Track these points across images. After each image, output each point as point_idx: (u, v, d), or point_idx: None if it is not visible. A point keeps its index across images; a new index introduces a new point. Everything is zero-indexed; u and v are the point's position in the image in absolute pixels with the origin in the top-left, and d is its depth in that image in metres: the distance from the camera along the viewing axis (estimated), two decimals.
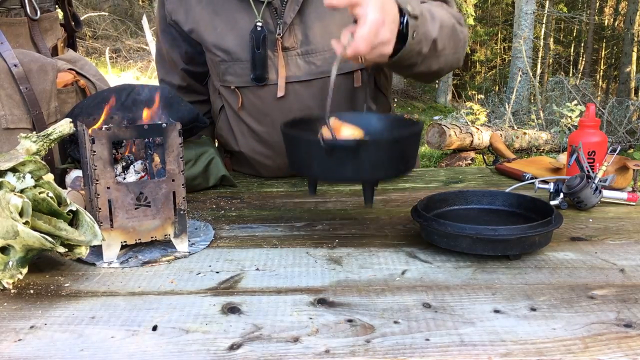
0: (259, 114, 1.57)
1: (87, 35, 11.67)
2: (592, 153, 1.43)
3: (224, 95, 1.61)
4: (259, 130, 1.59)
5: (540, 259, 1.06)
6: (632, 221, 1.27)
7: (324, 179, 1.29)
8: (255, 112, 1.57)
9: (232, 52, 1.51)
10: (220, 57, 1.54)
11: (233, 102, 1.59)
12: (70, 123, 1.09)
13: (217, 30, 1.52)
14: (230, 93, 1.58)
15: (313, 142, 1.04)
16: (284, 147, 1.21)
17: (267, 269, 1.03)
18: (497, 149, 1.96)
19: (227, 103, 1.61)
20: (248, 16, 1.48)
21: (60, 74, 1.57)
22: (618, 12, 18.15)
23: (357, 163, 1.03)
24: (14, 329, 0.83)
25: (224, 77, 1.57)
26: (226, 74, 1.56)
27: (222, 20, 1.51)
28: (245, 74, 1.52)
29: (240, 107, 1.57)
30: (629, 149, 7.29)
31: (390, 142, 1.07)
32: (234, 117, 1.62)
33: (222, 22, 1.51)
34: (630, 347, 0.76)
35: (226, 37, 1.51)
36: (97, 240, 0.98)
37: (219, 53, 1.53)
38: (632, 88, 13.38)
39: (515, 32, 10.23)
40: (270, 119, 1.55)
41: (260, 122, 1.58)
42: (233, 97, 1.58)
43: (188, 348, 0.77)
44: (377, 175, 1.09)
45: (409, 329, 0.81)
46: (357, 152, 1.02)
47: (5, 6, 1.50)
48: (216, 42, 1.53)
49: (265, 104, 1.54)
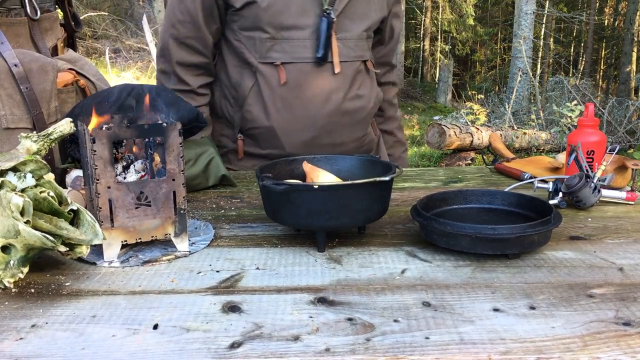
0: (303, 89, 1.66)
1: (87, 35, 11.67)
2: (591, 152, 1.43)
3: (262, 71, 1.66)
4: (297, 105, 1.68)
5: (540, 258, 1.06)
6: (630, 220, 1.27)
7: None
8: (297, 87, 1.66)
9: (291, 30, 1.62)
10: (270, 34, 1.62)
11: (273, 78, 1.66)
12: (71, 123, 1.09)
13: (274, 8, 1.60)
14: (271, 69, 1.65)
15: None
16: (315, 120, 1.63)
17: (268, 268, 1.03)
18: (496, 148, 1.96)
19: (265, 79, 1.66)
20: (314, 0, 1.62)
21: (60, 74, 1.57)
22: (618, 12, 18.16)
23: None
24: (15, 327, 0.83)
25: (267, 53, 1.64)
26: (271, 51, 1.64)
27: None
28: (297, 51, 1.63)
29: (284, 83, 1.65)
30: (629, 149, 7.30)
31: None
32: (270, 93, 1.67)
33: (284, 0, 1.61)
34: (629, 345, 0.76)
35: (288, 16, 1.62)
36: (98, 240, 0.99)
37: (269, 30, 1.61)
38: (632, 88, 13.38)
39: (515, 32, 10.23)
40: (311, 93, 1.67)
41: (302, 97, 1.67)
42: (274, 73, 1.65)
43: (189, 347, 0.77)
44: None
45: (409, 328, 0.81)
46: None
47: (5, 6, 1.50)
48: (271, 19, 1.61)
49: (315, 80, 1.67)
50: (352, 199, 1.06)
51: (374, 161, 1.26)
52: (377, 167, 1.23)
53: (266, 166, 1.22)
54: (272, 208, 1.13)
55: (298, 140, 1.71)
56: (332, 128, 1.72)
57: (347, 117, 1.73)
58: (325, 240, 1.11)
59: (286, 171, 1.26)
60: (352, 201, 1.07)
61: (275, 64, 1.64)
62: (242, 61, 1.70)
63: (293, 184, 1.09)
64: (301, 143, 1.71)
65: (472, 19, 16.37)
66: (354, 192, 1.06)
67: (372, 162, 1.26)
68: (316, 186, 1.05)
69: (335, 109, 1.70)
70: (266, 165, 1.23)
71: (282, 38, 1.62)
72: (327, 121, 1.70)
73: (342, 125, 1.74)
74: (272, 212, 1.14)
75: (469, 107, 8.97)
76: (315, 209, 1.06)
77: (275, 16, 1.60)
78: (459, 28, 16.86)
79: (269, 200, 1.13)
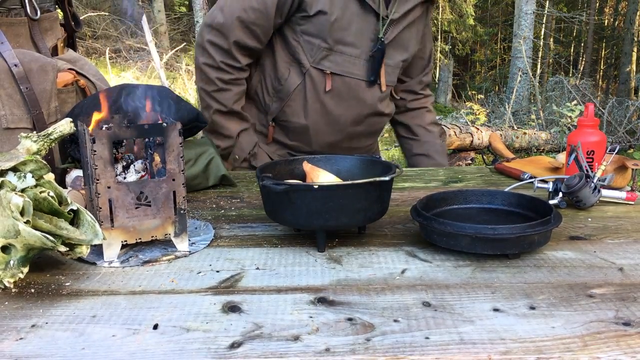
0: (343, 99, 1.82)
1: (87, 35, 11.66)
2: (591, 152, 1.43)
3: (312, 75, 1.79)
4: (334, 111, 1.83)
5: (540, 258, 1.06)
6: (630, 220, 1.27)
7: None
8: (338, 97, 1.82)
9: (348, 47, 1.76)
10: (329, 45, 1.74)
11: (320, 83, 1.80)
12: (71, 123, 1.09)
13: (339, 24, 1.73)
14: (320, 75, 1.79)
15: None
16: (345, 127, 1.85)
17: (268, 268, 1.03)
18: (496, 148, 1.96)
19: (313, 82, 1.80)
20: (370, 25, 1.77)
21: (60, 74, 1.57)
22: (618, 12, 18.15)
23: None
24: (16, 327, 0.83)
25: (320, 61, 1.77)
26: (325, 60, 1.77)
27: (350, 18, 1.74)
28: (347, 66, 1.78)
29: (328, 90, 1.80)
30: (629, 149, 7.29)
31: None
32: (314, 96, 1.81)
33: (348, 19, 1.73)
34: (629, 345, 0.76)
35: (348, 34, 1.75)
36: (98, 240, 0.99)
37: (329, 41, 1.74)
38: (632, 88, 13.37)
39: (515, 32, 10.22)
40: (349, 104, 1.83)
41: (340, 106, 1.82)
42: (322, 79, 1.79)
43: (189, 347, 0.77)
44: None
45: (409, 328, 0.81)
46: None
47: (6, 6, 1.50)
48: (334, 33, 1.73)
49: (357, 94, 1.83)
50: (352, 199, 1.06)
51: (374, 161, 1.26)
52: (377, 167, 1.23)
53: (266, 166, 1.22)
54: (272, 208, 1.13)
55: (325, 140, 1.88)
56: (355, 135, 1.93)
57: (369, 127, 1.94)
58: (325, 240, 1.11)
59: (286, 171, 1.26)
60: (352, 201, 1.06)
61: (325, 72, 1.78)
62: (294, 60, 1.81)
63: (293, 184, 1.09)
64: (326, 143, 1.88)
65: (472, 19, 16.34)
66: (354, 192, 1.06)
67: (372, 162, 1.26)
68: (316, 186, 1.05)
69: (362, 120, 1.89)
70: (266, 165, 1.23)
71: (338, 51, 1.77)
72: (353, 130, 1.90)
73: (362, 134, 1.95)
74: (272, 212, 1.14)
75: (469, 107, 8.96)
76: (315, 209, 1.06)
77: (338, 31, 1.74)
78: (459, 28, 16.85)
79: (269, 200, 1.13)
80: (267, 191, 1.11)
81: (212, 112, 1.80)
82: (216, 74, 1.77)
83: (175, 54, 10.86)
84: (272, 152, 1.93)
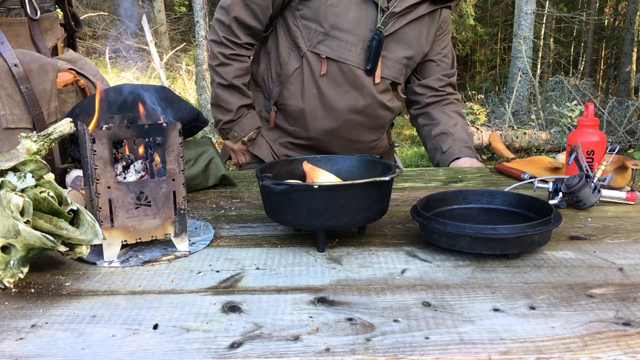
0: (338, 85, 1.83)
1: (87, 35, 11.67)
2: (591, 152, 1.43)
3: (309, 58, 1.83)
4: (329, 96, 1.84)
5: (540, 258, 1.06)
6: (630, 220, 1.27)
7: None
8: (334, 82, 1.83)
9: (344, 33, 1.78)
10: (325, 30, 1.78)
11: (316, 67, 1.83)
12: (71, 123, 1.09)
13: (335, 9, 1.76)
14: (316, 59, 1.82)
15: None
16: (341, 114, 1.84)
17: (267, 268, 1.03)
18: (496, 148, 1.96)
19: (309, 65, 1.83)
20: (369, 14, 1.78)
21: (60, 74, 1.57)
22: (618, 12, 18.14)
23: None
24: (15, 327, 0.83)
25: (317, 44, 1.80)
26: (321, 44, 1.80)
27: (347, 5, 1.76)
28: (342, 52, 1.80)
29: (324, 75, 1.82)
30: (629, 149, 7.29)
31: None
32: (311, 80, 1.84)
33: (345, 5, 1.76)
34: (629, 345, 0.76)
35: (344, 20, 1.77)
36: (98, 240, 0.99)
37: (325, 25, 1.77)
38: (632, 88, 13.36)
39: (515, 32, 10.21)
40: (343, 90, 1.84)
41: (335, 91, 1.84)
42: (318, 63, 1.82)
43: (189, 347, 0.77)
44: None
45: (409, 328, 0.81)
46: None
47: (5, 6, 1.50)
48: (330, 18, 1.76)
49: (352, 81, 1.84)
50: (352, 199, 1.06)
51: (374, 161, 1.27)
52: (377, 167, 1.23)
53: (266, 166, 1.22)
54: (272, 208, 1.13)
55: (322, 126, 1.89)
56: (354, 125, 1.91)
57: (370, 120, 1.92)
58: (325, 240, 1.11)
59: (286, 171, 1.26)
60: (352, 201, 1.06)
61: (321, 56, 1.81)
62: (293, 44, 1.85)
63: (293, 184, 1.09)
64: (323, 130, 1.90)
65: (472, 19, 16.35)
66: (354, 192, 1.06)
67: (372, 162, 1.26)
68: (316, 186, 1.05)
69: (361, 110, 1.88)
70: (266, 165, 1.23)
71: (334, 37, 1.79)
72: (350, 117, 1.88)
73: (363, 125, 1.92)
74: (272, 212, 1.14)
75: (469, 107, 8.96)
76: (315, 209, 1.06)
77: (333, 16, 1.77)
78: (459, 28, 16.85)
79: (269, 200, 1.13)
80: (267, 191, 1.11)
81: (215, 85, 1.88)
82: (218, 48, 1.84)
83: (175, 54, 10.86)
84: (273, 139, 1.96)
